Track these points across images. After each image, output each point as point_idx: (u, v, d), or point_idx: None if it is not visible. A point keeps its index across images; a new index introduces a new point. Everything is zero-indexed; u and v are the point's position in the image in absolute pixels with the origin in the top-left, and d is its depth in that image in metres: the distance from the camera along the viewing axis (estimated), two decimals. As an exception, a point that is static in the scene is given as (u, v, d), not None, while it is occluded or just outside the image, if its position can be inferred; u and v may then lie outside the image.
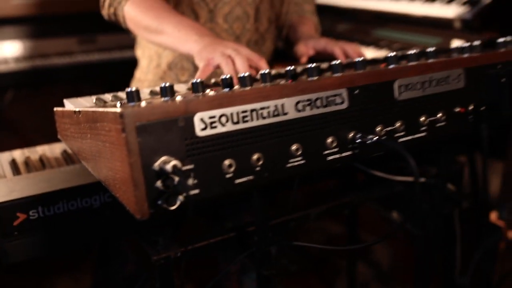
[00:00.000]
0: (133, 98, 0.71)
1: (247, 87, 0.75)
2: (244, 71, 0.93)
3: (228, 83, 0.78)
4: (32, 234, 0.91)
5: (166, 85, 0.72)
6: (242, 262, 1.38)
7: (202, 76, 0.99)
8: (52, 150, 1.23)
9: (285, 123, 0.71)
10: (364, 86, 0.78)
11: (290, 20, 1.50)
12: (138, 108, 0.61)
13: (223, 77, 0.77)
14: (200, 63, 1.04)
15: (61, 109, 0.93)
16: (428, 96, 0.86)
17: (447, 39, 2.01)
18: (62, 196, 0.93)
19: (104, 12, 1.28)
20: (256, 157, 0.69)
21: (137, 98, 0.72)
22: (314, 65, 0.80)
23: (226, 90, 0.77)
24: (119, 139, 0.62)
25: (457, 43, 1.96)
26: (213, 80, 1.06)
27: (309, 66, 0.79)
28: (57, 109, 0.97)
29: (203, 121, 0.65)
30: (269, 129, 0.70)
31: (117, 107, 0.64)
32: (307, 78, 0.79)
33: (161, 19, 1.16)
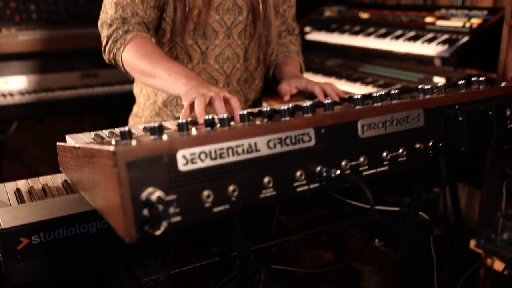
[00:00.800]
0: (126, 137, 0.81)
1: (226, 127, 0.85)
2: (221, 112, 1.06)
3: (210, 123, 0.88)
4: (34, 258, 1.00)
5: (155, 125, 0.83)
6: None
7: (185, 116, 1.10)
8: (54, 180, 1.33)
9: (258, 159, 0.81)
10: (330, 126, 0.88)
11: (277, 60, 1.62)
12: (129, 147, 0.71)
13: (206, 118, 0.88)
14: (185, 103, 1.15)
15: (63, 144, 1.04)
16: (390, 134, 0.96)
17: (430, 75, 2.13)
18: (62, 223, 1.02)
19: (105, 57, 1.41)
20: (232, 189, 0.79)
21: (129, 136, 0.82)
22: (287, 107, 0.90)
23: (208, 129, 0.88)
24: (112, 173, 0.72)
25: (438, 79, 2.08)
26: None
27: (282, 108, 0.90)
28: (59, 144, 1.07)
29: (185, 158, 0.75)
30: (244, 164, 0.80)
31: (111, 145, 0.75)
32: (280, 118, 0.90)
33: (155, 65, 1.28)
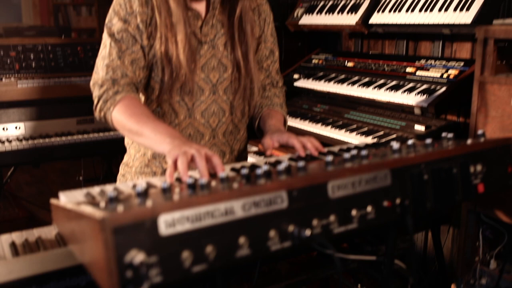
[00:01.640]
0: (113, 201, 0.89)
1: (205, 191, 0.93)
2: (202, 169, 1.15)
3: (192, 186, 0.96)
4: (26, 311, 1.06)
5: (141, 190, 0.91)
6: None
7: (170, 176, 1.18)
8: (49, 232, 1.40)
9: (234, 221, 0.89)
10: (302, 189, 0.96)
11: (261, 113, 1.71)
12: (115, 214, 0.79)
13: (188, 181, 0.96)
14: (169, 160, 1.24)
15: (56, 203, 1.11)
16: (359, 193, 1.04)
17: (411, 123, 2.23)
18: (53, 277, 1.08)
19: (96, 115, 1.50)
20: (209, 250, 0.86)
21: (116, 201, 0.90)
22: (263, 170, 0.99)
23: (190, 192, 0.95)
24: (98, 237, 0.79)
25: (418, 127, 2.18)
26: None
27: (258, 172, 0.98)
28: (53, 201, 1.14)
29: (166, 222, 0.83)
30: (220, 227, 0.87)
31: (100, 209, 0.82)
32: (256, 180, 0.98)
33: (141, 124, 1.38)
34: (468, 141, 1.29)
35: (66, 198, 1.12)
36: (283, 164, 1.05)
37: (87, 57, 2.81)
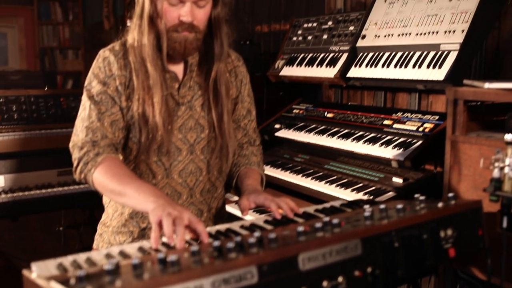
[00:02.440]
0: (82, 280, 0.89)
1: (175, 267, 0.94)
2: (180, 238, 1.16)
3: (163, 261, 0.97)
4: None
5: (110, 268, 0.91)
6: None
7: (156, 241, 1.19)
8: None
9: (203, 299, 0.89)
10: (272, 263, 0.97)
11: (239, 171, 1.73)
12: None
13: (160, 257, 0.97)
14: (152, 219, 1.25)
15: (28, 275, 1.10)
16: (330, 264, 1.05)
17: (389, 175, 2.27)
18: None
19: (76, 177, 1.51)
20: (178, 329, 0.86)
21: (86, 280, 0.90)
22: (234, 244, 1.00)
23: (161, 267, 0.96)
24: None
25: (396, 180, 2.21)
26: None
27: (229, 246, 0.99)
28: (25, 273, 1.14)
29: (134, 304, 0.83)
30: (190, 305, 0.88)
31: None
32: (227, 254, 0.99)
33: (124, 185, 1.39)
34: (439, 204, 1.32)
35: (38, 270, 1.12)
36: (255, 235, 1.06)
37: (70, 108, 2.83)
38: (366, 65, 2.48)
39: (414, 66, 2.25)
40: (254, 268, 0.95)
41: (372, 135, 2.41)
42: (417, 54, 2.28)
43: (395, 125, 2.39)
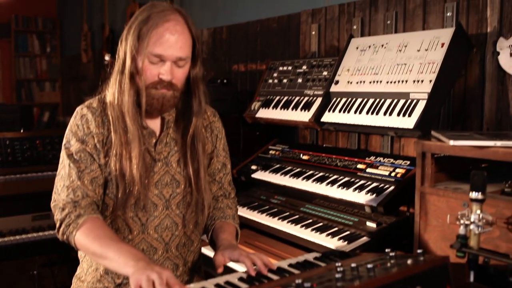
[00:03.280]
0: None
1: None
2: None
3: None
4: None
5: None
6: None
7: None
8: None
9: None
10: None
11: (214, 225, 1.75)
12: None
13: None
14: (132, 284, 1.27)
15: None
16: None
17: (363, 219, 2.31)
18: None
19: (59, 237, 1.53)
20: None
21: None
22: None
23: None
24: None
25: (370, 224, 2.26)
26: None
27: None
28: None
29: None
30: None
31: None
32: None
33: (105, 247, 1.41)
34: (409, 261, 1.36)
35: None
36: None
37: (46, 151, 2.82)
38: (340, 110, 2.55)
39: (385, 113, 2.32)
40: None
41: (346, 179, 2.46)
42: (388, 102, 2.35)
43: (368, 169, 2.45)
